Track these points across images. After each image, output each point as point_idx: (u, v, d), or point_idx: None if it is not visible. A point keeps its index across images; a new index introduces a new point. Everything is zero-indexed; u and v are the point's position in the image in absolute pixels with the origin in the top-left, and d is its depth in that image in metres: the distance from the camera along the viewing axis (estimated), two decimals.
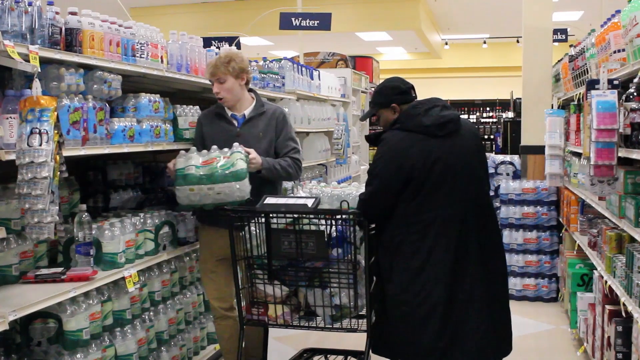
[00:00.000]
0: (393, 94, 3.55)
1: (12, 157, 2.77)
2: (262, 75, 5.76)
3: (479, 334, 3.34)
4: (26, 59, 2.80)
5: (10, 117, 2.81)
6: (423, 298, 3.29)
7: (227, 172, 3.72)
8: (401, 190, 3.33)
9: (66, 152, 3.02)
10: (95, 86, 3.41)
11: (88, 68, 3.36)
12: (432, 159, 3.31)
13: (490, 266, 3.42)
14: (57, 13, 3.12)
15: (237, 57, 4.12)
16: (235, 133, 4.06)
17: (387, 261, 3.39)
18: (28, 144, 2.74)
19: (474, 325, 3.33)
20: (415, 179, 3.30)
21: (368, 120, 10.54)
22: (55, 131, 2.84)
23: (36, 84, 2.81)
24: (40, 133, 2.74)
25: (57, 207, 2.88)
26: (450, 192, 3.33)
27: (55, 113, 2.84)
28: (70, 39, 3.22)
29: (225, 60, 4.03)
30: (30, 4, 2.91)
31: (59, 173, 2.90)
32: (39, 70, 2.84)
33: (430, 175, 3.31)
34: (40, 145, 2.74)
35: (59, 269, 3.29)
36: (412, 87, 3.60)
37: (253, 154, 3.90)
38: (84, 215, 3.42)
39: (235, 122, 4.12)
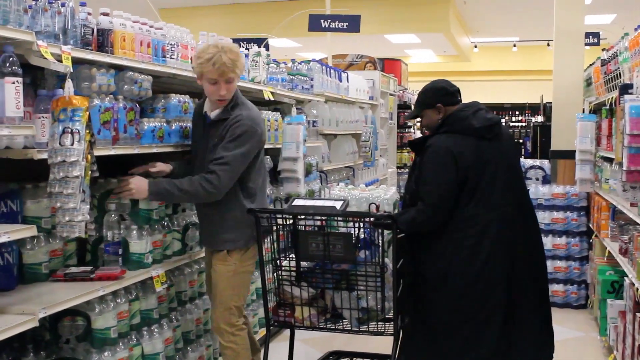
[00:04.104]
0: (440, 95, 3.55)
1: (44, 156, 2.80)
2: (291, 77, 5.76)
3: (534, 334, 3.39)
4: (59, 59, 2.83)
5: (43, 117, 2.84)
6: (482, 302, 3.31)
7: None
8: (457, 194, 3.32)
9: (97, 152, 3.05)
10: (125, 86, 3.43)
11: (119, 68, 3.38)
12: (483, 161, 3.33)
13: (536, 265, 3.46)
14: (89, 14, 3.15)
15: (240, 53, 3.61)
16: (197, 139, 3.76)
17: (442, 269, 3.36)
18: (60, 144, 2.77)
19: (529, 326, 3.37)
20: (469, 181, 3.31)
21: (396, 123, 10.51)
22: (87, 131, 2.87)
23: (68, 84, 2.85)
24: (72, 132, 2.77)
25: (88, 206, 2.92)
26: (502, 194, 3.35)
27: (87, 113, 2.88)
28: (102, 40, 3.24)
29: (235, 58, 3.50)
30: (63, 5, 2.94)
31: (90, 172, 2.93)
32: (71, 70, 2.87)
33: (483, 176, 3.32)
34: (72, 144, 2.77)
35: (88, 268, 3.32)
36: (458, 90, 3.60)
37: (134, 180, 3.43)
38: (113, 215, 3.44)
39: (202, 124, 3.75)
